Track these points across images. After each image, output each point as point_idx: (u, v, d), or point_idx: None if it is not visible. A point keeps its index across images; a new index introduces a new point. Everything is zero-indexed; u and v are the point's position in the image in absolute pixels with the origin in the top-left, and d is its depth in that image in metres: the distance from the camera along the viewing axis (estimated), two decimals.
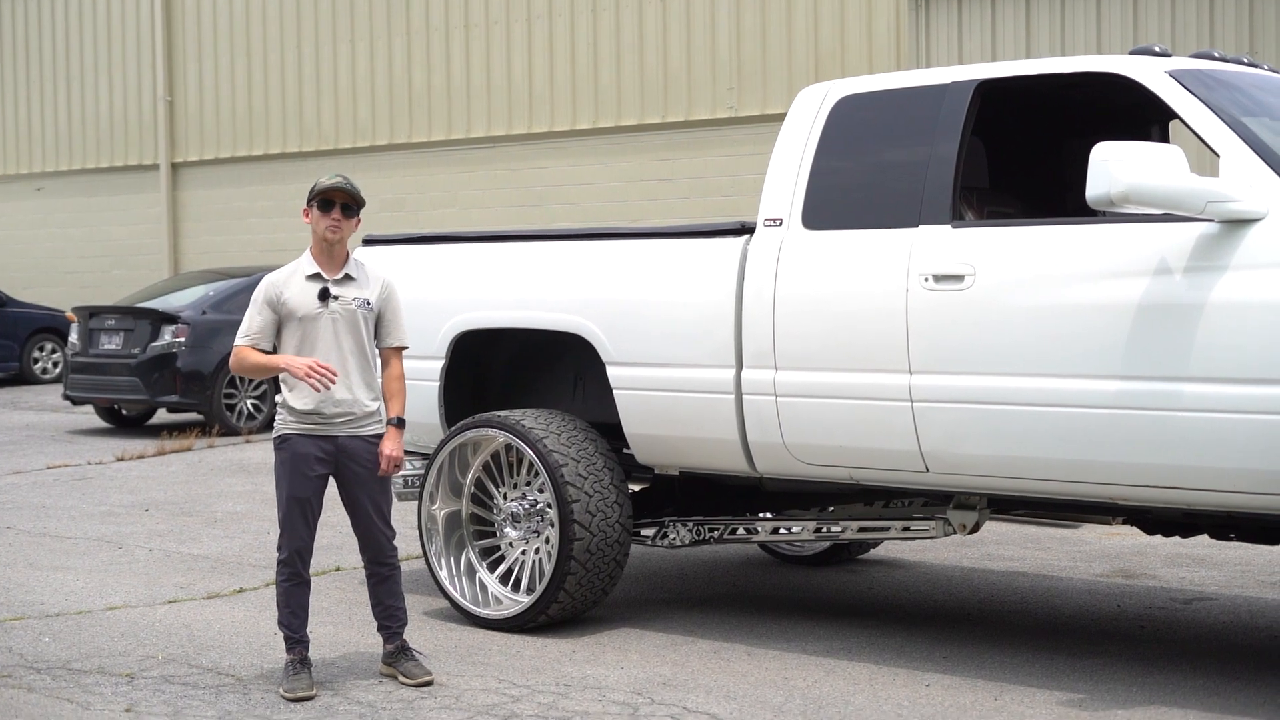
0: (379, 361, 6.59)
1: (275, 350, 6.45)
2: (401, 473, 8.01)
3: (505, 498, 7.49)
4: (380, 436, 6.51)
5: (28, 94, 27.01)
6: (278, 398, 6.50)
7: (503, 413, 7.47)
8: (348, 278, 6.47)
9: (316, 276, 6.42)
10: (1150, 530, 6.79)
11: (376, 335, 6.55)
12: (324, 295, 6.38)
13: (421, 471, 7.81)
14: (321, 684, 6.39)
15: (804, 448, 6.70)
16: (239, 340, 6.43)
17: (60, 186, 26.61)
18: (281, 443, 6.42)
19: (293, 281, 6.40)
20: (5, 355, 22.56)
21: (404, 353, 6.69)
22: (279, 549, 6.44)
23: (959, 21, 15.61)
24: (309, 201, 6.50)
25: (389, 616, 6.55)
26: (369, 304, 6.49)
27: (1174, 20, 14.62)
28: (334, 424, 6.39)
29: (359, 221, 6.55)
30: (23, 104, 27.10)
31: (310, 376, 6.21)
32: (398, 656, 6.50)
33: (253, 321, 6.41)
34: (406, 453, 7.95)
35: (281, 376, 6.39)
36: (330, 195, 6.44)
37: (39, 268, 26.63)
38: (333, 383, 6.27)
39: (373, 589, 6.58)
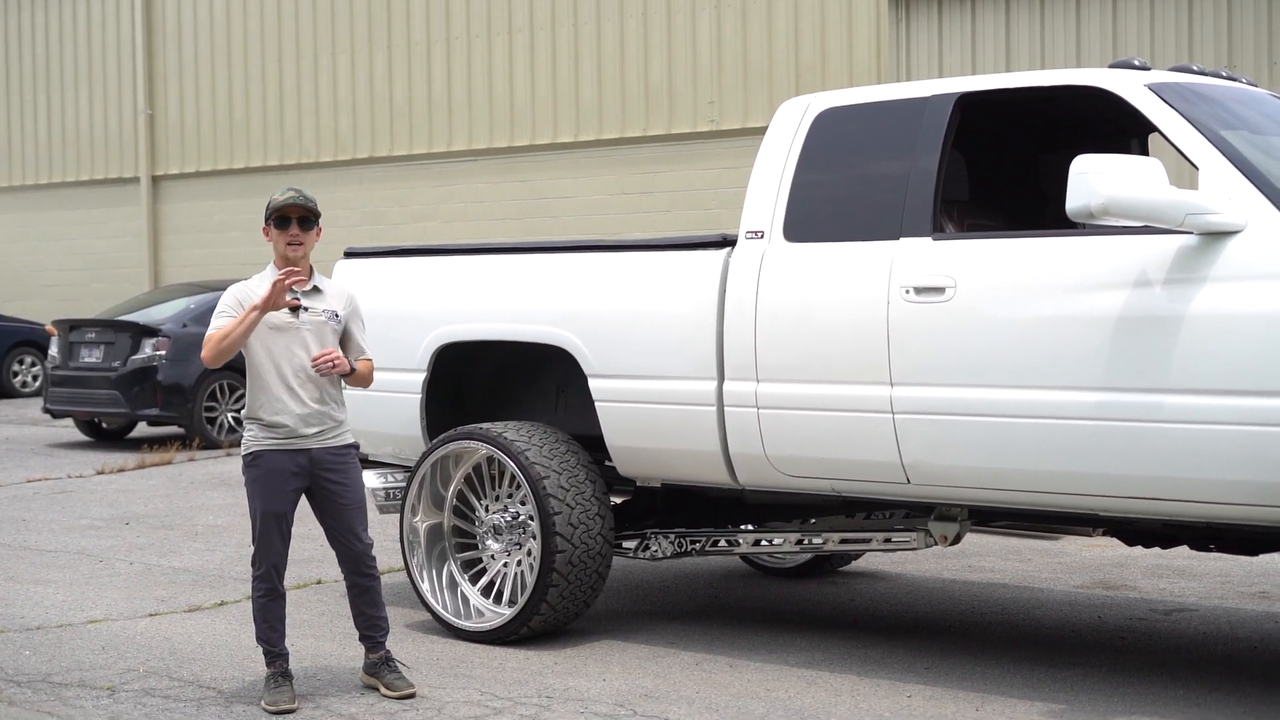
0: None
1: (241, 360, 6.41)
2: (383, 485, 8.01)
3: (487, 510, 7.48)
4: (350, 446, 6.51)
5: (7, 107, 26.96)
6: (244, 413, 6.47)
7: (484, 425, 7.47)
8: (315, 290, 6.47)
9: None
10: (1131, 541, 6.82)
11: (342, 348, 6.51)
12: (294, 308, 6.36)
13: (403, 484, 7.81)
14: (303, 696, 6.38)
15: (786, 460, 6.71)
16: (208, 336, 6.29)
17: (40, 200, 26.55)
18: (254, 459, 6.37)
19: (261, 292, 6.35)
20: None
21: (386, 366, 6.68)
22: (255, 564, 6.42)
23: (939, 33, 15.66)
24: (266, 219, 6.46)
25: (372, 627, 6.55)
26: (337, 315, 6.47)
27: (1153, 31, 14.69)
28: (306, 437, 6.37)
29: (319, 231, 6.49)
30: (2, 117, 27.04)
31: (282, 287, 6.13)
32: (380, 667, 6.49)
33: (222, 323, 6.29)
34: (389, 466, 7.96)
35: (249, 392, 6.36)
36: (285, 212, 6.39)
37: (19, 281, 26.58)
38: (298, 277, 6.22)
39: (354, 600, 6.57)
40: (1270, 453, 5.46)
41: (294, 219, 6.40)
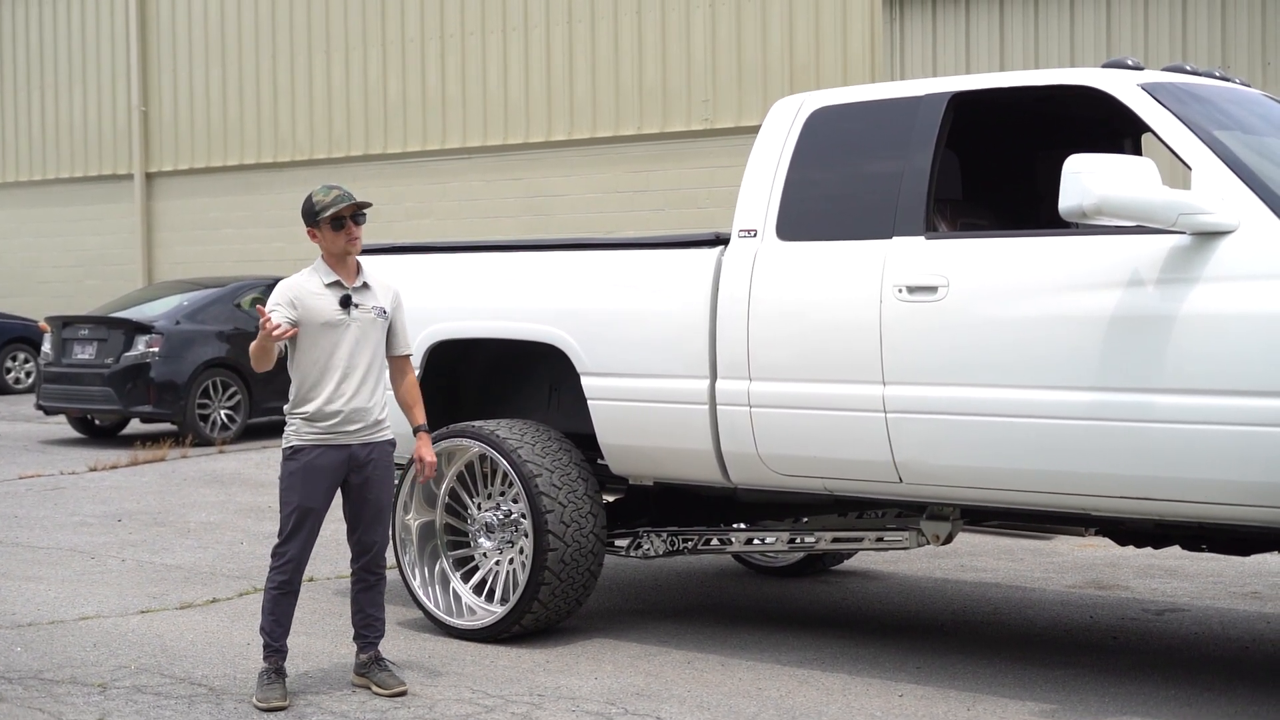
0: (385, 370, 6.58)
1: (286, 356, 6.40)
2: None
3: (479, 508, 7.48)
4: (389, 443, 6.51)
5: (0, 104, 26.91)
6: (286, 408, 6.47)
7: (477, 423, 7.46)
8: (365, 286, 6.47)
9: (337, 284, 6.39)
10: (1123, 541, 6.82)
11: (387, 343, 6.55)
12: (345, 303, 6.37)
13: (396, 481, 7.80)
14: (295, 694, 6.37)
15: (778, 458, 6.71)
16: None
17: (34, 196, 26.52)
18: (294, 453, 6.37)
19: (312, 287, 6.36)
20: None
21: None
22: (278, 555, 6.39)
23: (933, 32, 15.67)
24: (314, 222, 6.39)
25: (367, 625, 6.55)
26: (385, 312, 6.49)
27: (1147, 32, 14.70)
28: (348, 433, 6.37)
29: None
30: None
31: (271, 329, 6.13)
32: (370, 667, 6.49)
33: (273, 317, 6.26)
34: None
35: (294, 386, 6.38)
36: (341, 212, 6.38)
37: (12, 277, 26.54)
38: (278, 328, 6.17)
39: (357, 596, 6.57)
40: (1262, 453, 5.46)
41: (348, 217, 6.39)
